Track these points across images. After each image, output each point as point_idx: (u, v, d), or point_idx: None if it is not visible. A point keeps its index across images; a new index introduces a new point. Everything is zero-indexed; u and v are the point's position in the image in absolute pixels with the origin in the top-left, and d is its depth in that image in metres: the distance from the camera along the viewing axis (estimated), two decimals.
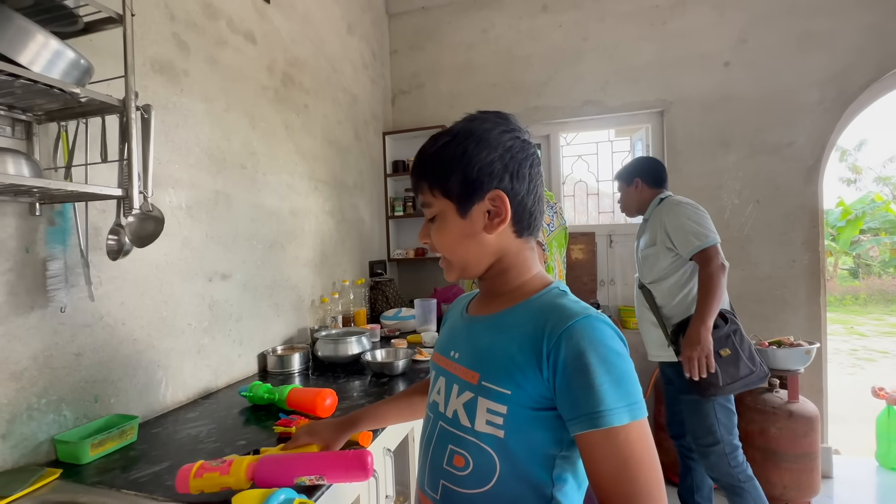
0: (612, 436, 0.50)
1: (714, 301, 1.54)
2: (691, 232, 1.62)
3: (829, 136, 2.29)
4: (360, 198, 2.49)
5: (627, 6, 2.56)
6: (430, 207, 0.64)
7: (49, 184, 0.80)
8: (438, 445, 0.63)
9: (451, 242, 0.63)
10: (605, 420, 0.49)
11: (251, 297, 1.61)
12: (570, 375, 0.52)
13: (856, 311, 9.93)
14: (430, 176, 0.62)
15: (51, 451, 0.96)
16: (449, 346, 0.68)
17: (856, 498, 2.19)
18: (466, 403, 0.60)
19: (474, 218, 0.61)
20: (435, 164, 0.62)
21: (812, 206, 2.32)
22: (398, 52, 2.99)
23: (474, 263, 0.64)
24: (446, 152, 0.61)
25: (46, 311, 0.97)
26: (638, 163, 1.91)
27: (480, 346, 0.62)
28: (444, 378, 0.65)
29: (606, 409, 0.50)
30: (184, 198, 1.35)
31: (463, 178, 0.60)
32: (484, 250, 0.62)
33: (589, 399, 0.50)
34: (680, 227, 1.65)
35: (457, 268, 0.65)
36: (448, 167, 0.61)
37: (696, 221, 1.63)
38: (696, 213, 1.66)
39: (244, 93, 1.61)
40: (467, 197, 0.60)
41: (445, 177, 0.61)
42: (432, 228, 0.65)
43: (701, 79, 2.46)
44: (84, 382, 1.04)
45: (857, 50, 2.22)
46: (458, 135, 0.61)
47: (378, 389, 1.39)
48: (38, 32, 0.78)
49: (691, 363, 1.55)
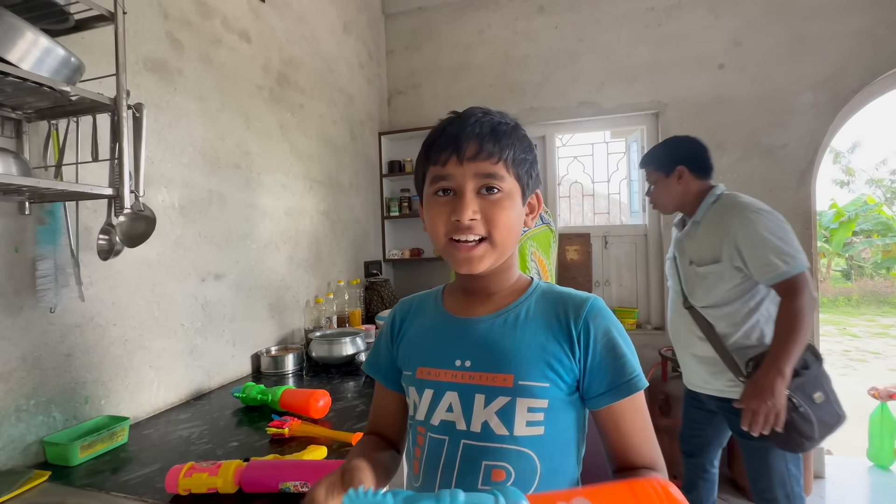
0: (639, 397, 0.58)
1: (799, 344, 1.19)
2: (775, 251, 1.23)
3: (822, 139, 2.30)
4: (355, 198, 2.49)
5: (623, 8, 2.57)
6: (500, 181, 0.57)
7: (38, 183, 0.79)
8: (467, 466, 0.57)
9: (511, 224, 0.58)
10: (638, 385, 0.57)
11: (245, 297, 1.60)
12: (602, 350, 0.57)
13: (848, 312, 10.01)
14: (511, 152, 0.57)
15: (39, 453, 0.95)
16: (449, 356, 0.60)
17: (847, 498, 2.20)
18: (501, 410, 0.56)
19: (525, 208, 0.63)
20: (517, 143, 0.58)
21: (805, 208, 2.34)
22: (394, 52, 2.99)
23: (508, 253, 0.61)
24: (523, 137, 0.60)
25: (36, 311, 0.96)
26: (679, 145, 1.48)
27: (503, 345, 0.58)
28: (457, 392, 0.58)
29: (638, 376, 0.57)
30: (177, 197, 1.34)
31: (535, 168, 0.62)
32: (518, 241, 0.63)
33: (624, 369, 0.57)
34: (759, 243, 1.25)
35: (498, 253, 0.58)
36: (527, 151, 0.60)
37: (780, 237, 1.25)
38: (778, 224, 1.28)
39: (239, 92, 1.61)
40: (531, 187, 0.62)
41: (524, 159, 0.59)
42: (490, 205, 0.56)
43: (696, 81, 2.47)
44: (74, 383, 1.03)
45: (849, 53, 2.24)
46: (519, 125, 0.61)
47: (372, 390, 1.39)
48: (27, 30, 0.77)
49: (756, 418, 1.19)
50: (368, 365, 0.73)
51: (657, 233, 2.61)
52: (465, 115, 0.60)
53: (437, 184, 0.58)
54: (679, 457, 1.76)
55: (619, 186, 2.83)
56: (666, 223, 2.54)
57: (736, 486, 2.21)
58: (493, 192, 0.57)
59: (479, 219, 0.56)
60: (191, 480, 0.77)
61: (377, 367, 0.71)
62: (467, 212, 0.55)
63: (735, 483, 2.22)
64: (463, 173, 0.56)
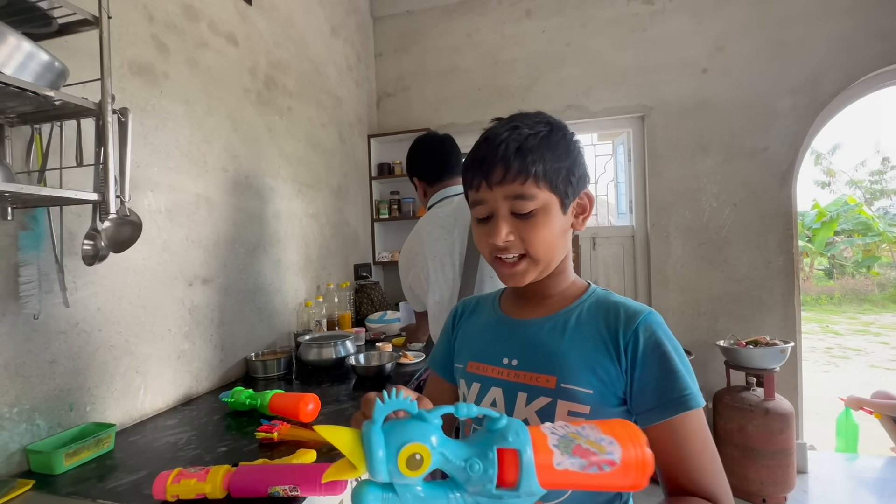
0: (696, 417, 0.53)
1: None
2: None
3: (802, 141, 2.36)
4: (344, 201, 2.48)
5: (609, 13, 2.61)
6: (529, 200, 0.57)
7: (21, 188, 0.78)
8: None
9: (551, 239, 0.59)
10: (692, 402, 0.53)
11: (233, 301, 1.59)
12: (650, 364, 0.55)
13: (831, 310, 10.22)
14: (537, 167, 0.56)
15: (23, 461, 0.94)
16: (498, 354, 0.63)
17: (830, 491, 2.25)
18: (541, 410, 0.57)
19: (569, 214, 0.61)
20: (545, 155, 0.57)
21: (786, 210, 2.39)
22: (383, 55, 2.99)
23: (556, 261, 0.61)
24: (553, 143, 0.58)
25: (19, 317, 0.95)
26: (409, 155, 1.55)
27: (549, 348, 0.59)
28: (501, 388, 0.61)
29: (691, 394, 0.53)
30: (163, 201, 1.33)
31: (572, 173, 0.59)
32: (566, 247, 0.62)
33: (675, 385, 0.54)
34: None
35: (541, 268, 0.60)
36: (560, 160, 0.58)
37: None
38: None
39: (226, 95, 1.60)
40: (573, 192, 0.60)
41: (557, 169, 0.57)
42: (524, 225, 0.58)
43: (680, 85, 2.51)
44: (58, 390, 1.02)
45: (827, 58, 2.30)
46: (556, 128, 0.60)
47: (363, 393, 1.39)
48: (9, 34, 0.76)
49: None
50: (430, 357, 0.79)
51: (644, 234, 2.65)
52: (492, 134, 0.60)
53: (475, 208, 0.62)
54: None
55: (606, 188, 2.87)
56: (652, 224, 2.58)
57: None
58: (525, 212, 0.57)
59: (515, 238, 0.58)
60: (179, 486, 0.76)
61: (434, 357, 0.77)
62: (501, 235, 0.58)
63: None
64: (494, 197, 0.58)
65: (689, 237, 2.54)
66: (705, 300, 2.52)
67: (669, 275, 2.57)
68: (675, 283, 2.56)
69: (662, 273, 2.58)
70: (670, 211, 2.56)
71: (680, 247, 2.55)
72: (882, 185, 14.04)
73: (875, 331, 7.92)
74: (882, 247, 11.10)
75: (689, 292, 2.55)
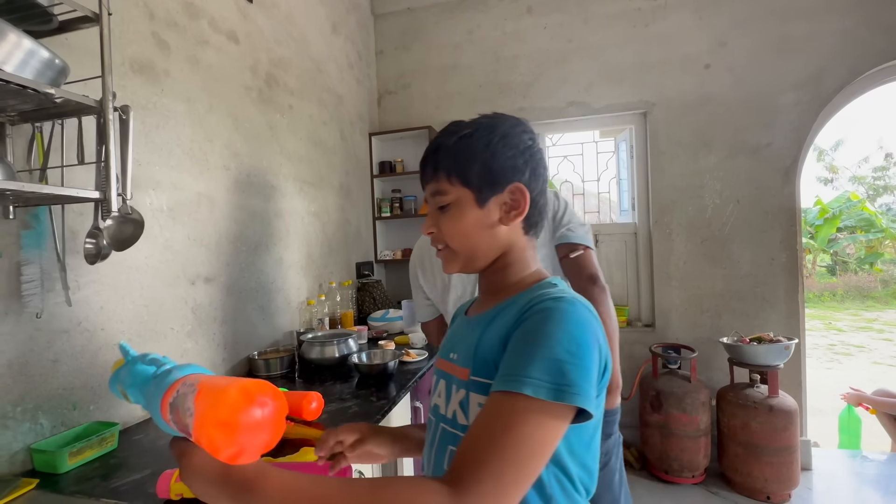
0: (514, 400, 0.48)
1: None
2: None
3: (806, 137, 2.35)
4: (346, 199, 2.48)
5: (611, 9, 2.59)
6: (444, 195, 0.63)
7: (22, 186, 0.78)
8: (440, 448, 0.63)
9: (465, 231, 0.63)
10: (521, 386, 0.48)
11: (235, 300, 1.59)
12: (515, 341, 0.53)
13: (833, 307, 10.20)
14: (450, 163, 0.62)
15: (27, 460, 0.94)
16: (449, 349, 0.68)
17: (834, 488, 2.25)
18: (462, 401, 0.60)
19: (490, 209, 0.62)
20: (457, 153, 0.62)
21: (790, 206, 2.38)
22: (384, 52, 2.98)
23: (482, 254, 0.64)
24: (471, 143, 0.62)
25: (21, 316, 0.95)
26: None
27: (472, 342, 0.62)
28: (445, 381, 0.65)
29: (527, 378, 0.48)
30: (165, 200, 1.32)
31: (488, 168, 0.61)
32: (495, 242, 0.64)
33: (520, 364, 0.50)
34: None
35: (462, 258, 0.64)
36: (472, 156, 0.62)
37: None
38: None
39: (227, 93, 1.59)
40: (489, 187, 0.62)
41: (468, 165, 0.62)
42: (442, 217, 0.64)
43: (682, 81, 2.50)
44: (62, 389, 1.02)
45: (830, 53, 2.28)
46: (481, 128, 0.63)
47: (365, 392, 1.39)
48: (10, 31, 0.76)
49: None
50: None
51: (647, 231, 2.64)
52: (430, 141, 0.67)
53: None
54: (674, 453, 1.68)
55: (608, 185, 2.86)
56: (655, 221, 2.57)
57: (725, 479, 2.25)
58: (442, 206, 0.64)
59: (437, 230, 0.65)
60: (182, 485, 0.76)
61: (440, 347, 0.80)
62: (426, 227, 0.66)
63: (724, 476, 2.25)
64: (426, 195, 0.67)
65: (691, 234, 2.53)
66: (708, 297, 2.51)
67: (672, 272, 2.56)
68: (678, 281, 2.55)
69: (665, 270, 2.57)
70: (673, 208, 2.55)
71: (683, 244, 2.54)
72: (885, 182, 14.00)
73: (878, 327, 7.90)
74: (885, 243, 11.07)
75: (692, 289, 2.54)
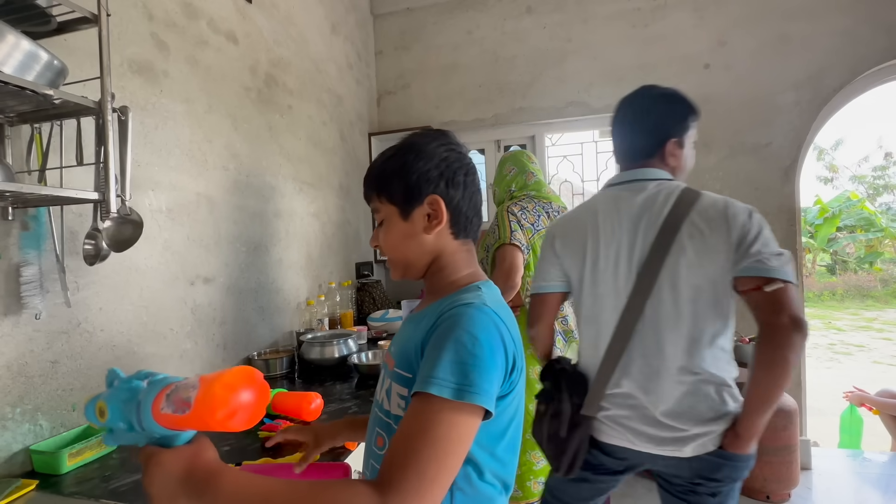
0: (428, 402, 0.53)
1: None
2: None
3: (805, 137, 2.35)
4: (345, 199, 2.48)
5: (610, 8, 2.59)
6: (378, 213, 0.71)
7: (21, 187, 0.78)
8: (371, 429, 0.71)
9: (395, 242, 0.70)
10: (433, 388, 0.53)
11: (235, 300, 1.59)
12: (432, 345, 0.58)
13: (833, 306, 10.20)
14: (376, 184, 0.70)
15: (26, 461, 0.94)
16: (391, 345, 0.75)
17: (834, 488, 2.25)
18: (387, 389, 0.67)
19: (415, 220, 0.68)
20: (381, 173, 0.70)
21: (790, 206, 2.38)
22: (383, 52, 2.98)
23: (414, 261, 0.70)
24: (390, 163, 0.69)
25: (20, 317, 0.95)
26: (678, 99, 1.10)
27: (402, 338, 0.70)
28: (383, 370, 0.73)
29: (435, 378, 0.53)
30: (164, 200, 1.32)
31: (404, 184, 0.67)
32: (423, 249, 0.69)
33: (433, 366, 0.55)
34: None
35: (400, 266, 0.71)
36: (391, 175, 0.68)
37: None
38: None
39: (226, 94, 1.59)
40: (408, 201, 0.67)
41: (389, 184, 0.68)
42: (380, 231, 0.72)
43: (682, 80, 2.49)
44: (61, 390, 1.02)
45: (830, 53, 2.28)
46: (401, 148, 0.69)
47: (365, 392, 1.39)
48: (8, 33, 0.76)
49: None
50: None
51: None
52: None
53: None
54: None
55: None
56: None
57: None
58: (379, 222, 0.71)
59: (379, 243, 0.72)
60: None
61: None
62: (372, 241, 0.74)
63: None
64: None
65: None
66: None
67: None
68: None
69: None
70: None
71: None
72: (885, 181, 14.00)
73: (878, 327, 7.90)
74: (885, 242, 11.07)
75: None
